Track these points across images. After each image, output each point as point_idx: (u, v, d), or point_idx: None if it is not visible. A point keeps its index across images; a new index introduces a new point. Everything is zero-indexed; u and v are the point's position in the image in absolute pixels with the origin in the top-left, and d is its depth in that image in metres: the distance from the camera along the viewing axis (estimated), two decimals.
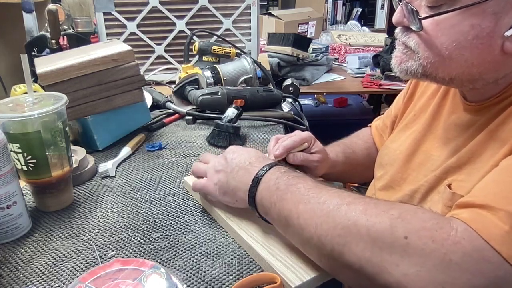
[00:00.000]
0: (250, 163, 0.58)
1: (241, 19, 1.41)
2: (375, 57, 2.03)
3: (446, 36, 0.50)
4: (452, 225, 0.42)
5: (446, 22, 0.49)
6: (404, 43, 0.55)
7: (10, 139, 0.59)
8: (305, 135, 0.71)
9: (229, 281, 0.51)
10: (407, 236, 0.42)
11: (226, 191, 0.59)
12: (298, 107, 1.21)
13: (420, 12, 0.51)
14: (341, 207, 0.46)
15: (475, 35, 0.48)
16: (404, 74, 0.56)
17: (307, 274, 0.50)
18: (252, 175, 0.56)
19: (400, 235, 0.42)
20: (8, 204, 0.57)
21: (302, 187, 0.51)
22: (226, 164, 0.60)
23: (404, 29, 0.55)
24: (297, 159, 0.70)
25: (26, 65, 0.61)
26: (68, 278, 0.52)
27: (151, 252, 0.57)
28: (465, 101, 0.59)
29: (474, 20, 0.48)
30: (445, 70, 0.53)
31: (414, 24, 0.52)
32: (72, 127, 0.85)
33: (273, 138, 0.73)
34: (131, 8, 1.32)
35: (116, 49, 0.84)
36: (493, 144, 0.51)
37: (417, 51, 0.53)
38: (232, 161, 0.60)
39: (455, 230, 0.41)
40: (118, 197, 0.71)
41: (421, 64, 0.53)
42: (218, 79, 1.15)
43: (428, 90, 0.71)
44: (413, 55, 0.54)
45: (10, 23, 1.35)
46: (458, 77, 0.53)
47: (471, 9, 0.47)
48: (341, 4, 3.55)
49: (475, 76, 0.52)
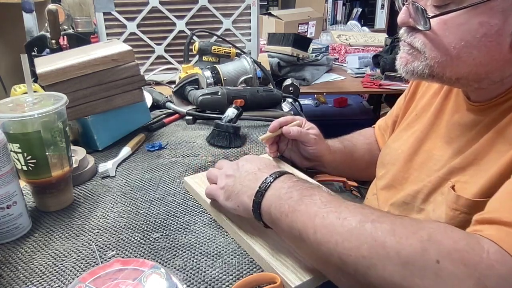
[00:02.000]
0: (259, 169, 0.56)
1: (241, 19, 1.41)
2: (375, 57, 2.03)
3: (454, 35, 0.49)
4: (483, 245, 0.40)
5: (453, 21, 0.49)
6: (409, 44, 0.54)
7: (10, 139, 0.59)
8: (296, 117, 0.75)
9: (229, 281, 0.51)
10: (439, 259, 0.39)
11: (230, 195, 0.57)
12: (298, 107, 1.21)
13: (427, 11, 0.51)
14: (365, 224, 0.43)
15: (484, 33, 0.48)
16: (410, 75, 0.56)
17: (307, 274, 0.50)
18: (260, 180, 0.53)
19: (431, 259, 0.39)
20: (8, 204, 0.57)
21: (318, 199, 0.48)
22: (237, 170, 0.59)
23: (409, 29, 0.54)
24: (294, 131, 0.72)
25: (26, 65, 0.61)
26: (68, 278, 0.52)
27: (151, 252, 0.57)
28: (468, 101, 0.59)
29: (483, 18, 0.47)
30: (453, 69, 0.52)
31: (422, 24, 0.51)
32: (72, 127, 0.85)
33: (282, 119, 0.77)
34: (131, 8, 1.32)
35: (116, 49, 0.84)
36: (501, 145, 0.50)
37: (424, 51, 0.53)
38: (243, 167, 0.58)
39: (487, 252, 0.39)
40: (118, 197, 0.71)
41: (428, 64, 0.53)
42: (218, 79, 1.15)
43: (430, 90, 0.70)
44: (419, 55, 0.53)
45: (10, 23, 1.35)
46: (465, 77, 0.53)
47: (479, 7, 0.47)
48: (341, 4, 3.56)
49: (482, 75, 0.52)
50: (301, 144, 0.76)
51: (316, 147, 0.75)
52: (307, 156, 0.78)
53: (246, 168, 0.58)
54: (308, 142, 0.74)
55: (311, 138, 0.74)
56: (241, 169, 0.58)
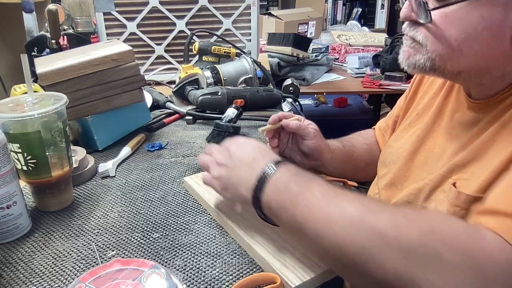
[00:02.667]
0: (254, 159, 0.55)
1: (241, 19, 1.41)
2: (375, 57, 2.03)
3: (455, 28, 0.50)
4: (484, 235, 0.40)
5: (454, 13, 0.49)
6: (412, 37, 0.55)
7: (10, 139, 0.59)
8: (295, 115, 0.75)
9: (229, 281, 0.51)
10: (440, 250, 0.39)
11: (227, 186, 0.56)
12: (298, 107, 1.21)
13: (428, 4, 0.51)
14: (365, 215, 0.43)
15: (485, 27, 0.48)
16: (412, 68, 0.56)
17: (307, 274, 0.50)
18: (256, 172, 0.52)
19: (433, 249, 0.40)
20: (8, 204, 0.57)
21: (317, 191, 0.48)
22: (228, 158, 0.57)
23: (411, 23, 0.55)
24: (293, 123, 0.72)
25: (26, 65, 0.61)
26: (68, 278, 0.52)
27: (151, 252, 0.57)
28: (469, 99, 0.59)
29: (484, 11, 0.47)
30: (454, 63, 0.52)
31: (423, 17, 0.52)
32: (72, 127, 0.85)
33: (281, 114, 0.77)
34: (131, 8, 1.32)
35: (116, 49, 0.84)
36: (502, 142, 0.50)
37: (425, 45, 0.53)
38: (235, 154, 0.57)
39: (487, 241, 0.40)
40: (118, 197, 0.71)
41: (430, 57, 0.53)
42: (218, 79, 1.15)
43: (431, 89, 0.70)
44: (421, 48, 0.54)
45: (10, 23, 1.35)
46: (466, 71, 0.53)
47: (480, 0, 0.47)
48: (341, 4, 3.56)
49: (483, 70, 0.52)
50: (301, 138, 0.76)
51: (316, 140, 0.75)
52: (307, 152, 0.77)
53: (239, 156, 0.56)
54: (308, 135, 0.74)
55: (310, 131, 0.75)
56: (233, 157, 0.57)
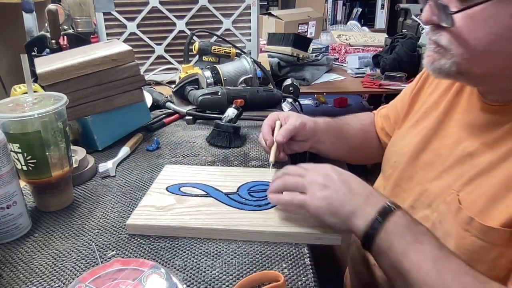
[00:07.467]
0: (371, 193, 0.55)
1: (241, 19, 1.41)
2: (375, 57, 2.03)
3: (482, 30, 0.47)
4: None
5: (480, 14, 0.47)
6: (435, 42, 0.53)
7: (10, 139, 0.59)
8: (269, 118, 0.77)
9: (229, 281, 0.51)
10: None
11: (336, 212, 0.55)
12: (298, 107, 1.22)
13: (450, 7, 0.49)
14: None
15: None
16: (437, 73, 0.54)
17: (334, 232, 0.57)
18: (376, 207, 0.52)
19: None
20: (8, 204, 0.57)
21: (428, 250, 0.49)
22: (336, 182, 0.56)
23: (434, 27, 0.52)
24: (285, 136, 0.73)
25: (26, 65, 0.61)
26: (68, 278, 0.52)
27: (151, 252, 0.57)
28: (483, 100, 0.57)
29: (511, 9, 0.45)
30: (482, 66, 0.50)
31: (445, 21, 0.50)
32: (72, 127, 0.85)
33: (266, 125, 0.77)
34: (131, 8, 1.32)
35: (116, 49, 0.84)
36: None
37: (450, 49, 0.51)
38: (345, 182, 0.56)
39: None
40: (118, 197, 0.71)
41: (455, 61, 0.51)
42: (218, 79, 1.15)
43: (440, 86, 0.68)
44: (446, 53, 0.51)
45: (10, 23, 1.35)
46: (494, 73, 0.51)
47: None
48: (341, 4, 3.56)
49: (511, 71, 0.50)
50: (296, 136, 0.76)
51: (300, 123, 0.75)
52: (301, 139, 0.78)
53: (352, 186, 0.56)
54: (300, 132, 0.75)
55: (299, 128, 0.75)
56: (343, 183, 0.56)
